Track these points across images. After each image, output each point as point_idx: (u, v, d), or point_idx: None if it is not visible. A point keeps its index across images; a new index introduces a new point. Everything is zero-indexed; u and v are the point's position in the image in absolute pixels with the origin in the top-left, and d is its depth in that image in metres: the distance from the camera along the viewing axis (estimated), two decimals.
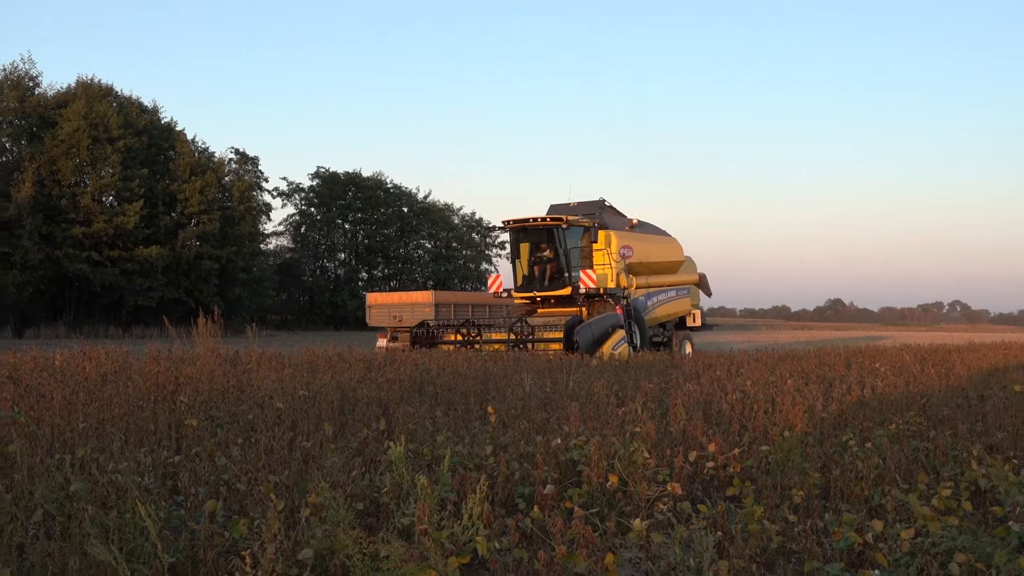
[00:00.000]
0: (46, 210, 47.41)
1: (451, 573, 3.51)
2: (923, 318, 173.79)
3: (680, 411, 8.65)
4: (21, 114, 50.75)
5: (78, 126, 48.32)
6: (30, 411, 8.02)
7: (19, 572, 3.99)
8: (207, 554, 4.27)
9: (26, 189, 46.18)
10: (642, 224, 26.67)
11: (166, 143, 55.11)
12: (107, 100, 52.22)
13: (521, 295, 24.75)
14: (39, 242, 46.29)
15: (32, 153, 48.15)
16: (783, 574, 4.17)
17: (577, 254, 23.85)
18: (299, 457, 6.52)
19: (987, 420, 8.73)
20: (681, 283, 27.90)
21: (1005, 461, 6.68)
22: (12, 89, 51.42)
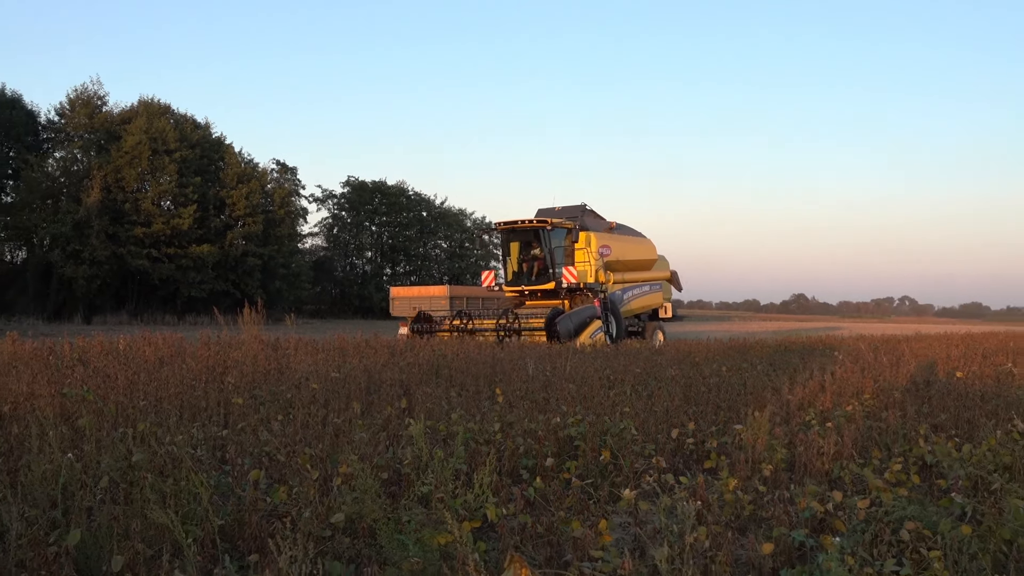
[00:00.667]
0: (112, 213, 47.46)
1: (465, 536, 3.50)
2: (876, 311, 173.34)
3: (664, 393, 8.65)
4: (90, 129, 50.80)
5: (140, 140, 48.37)
6: (97, 390, 8.02)
7: (88, 533, 3.98)
8: (251, 517, 4.27)
9: (95, 194, 46.24)
10: (620, 226, 26.71)
11: (216, 155, 55.10)
12: (165, 117, 52.27)
13: (511, 289, 24.79)
14: (106, 241, 46.36)
15: (100, 163, 48.19)
16: (755, 538, 4.14)
17: (561, 253, 23.89)
18: (331, 432, 6.52)
19: (932, 403, 8.70)
20: (654, 279, 27.92)
21: (948, 439, 6.65)
22: (83, 107, 51.50)
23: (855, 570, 3.44)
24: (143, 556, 3.56)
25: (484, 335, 20.81)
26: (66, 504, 4.53)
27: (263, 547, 4.08)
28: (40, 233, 47.83)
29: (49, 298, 46.57)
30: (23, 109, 52.11)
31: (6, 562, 3.71)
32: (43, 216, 47.07)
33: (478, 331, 21.43)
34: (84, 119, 51.07)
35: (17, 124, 51.08)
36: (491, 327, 21.32)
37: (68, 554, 3.25)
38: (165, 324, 42.87)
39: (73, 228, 45.60)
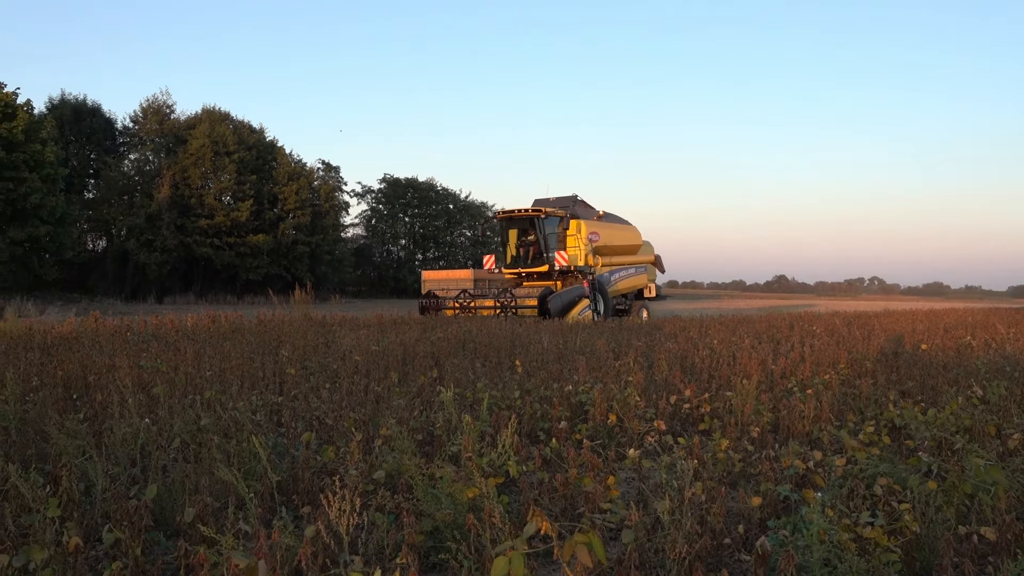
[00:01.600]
0: (180, 207, 47.64)
1: (490, 491, 3.49)
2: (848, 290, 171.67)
3: (663, 364, 8.60)
4: (160, 134, 50.99)
5: (203, 143, 48.47)
6: (169, 362, 8.08)
7: (164, 488, 4.00)
8: (304, 474, 4.29)
9: (164, 191, 46.44)
10: (607, 215, 26.64)
11: (269, 155, 55.08)
12: (225, 123, 52.31)
13: (509, 271, 24.64)
14: (174, 231, 46.57)
15: (169, 164, 48.35)
16: (744, 492, 4.12)
17: (554, 239, 23.74)
18: (372, 399, 6.53)
19: (900, 372, 8.62)
20: (639, 262, 27.71)
21: (915, 404, 6.60)
22: (154, 115, 51.70)
23: (834, 521, 3.41)
24: (211, 508, 3.58)
25: (484, 312, 21.00)
26: (144, 462, 4.57)
27: (315, 500, 4.09)
28: (118, 225, 48.14)
29: (126, 281, 46.87)
30: (102, 117, 52.37)
31: (93, 513, 3.74)
32: (120, 210, 47.34)
33: (479, 309, 21.50)
34: (155, 125, 51.27)
35: (97, 130, 51.36)
36: (490, 305, 21.42)
37: (147, 507, 3.27)
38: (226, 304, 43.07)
39: (146, 220, 45.84)
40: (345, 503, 3.12)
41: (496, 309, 21.02)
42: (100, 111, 52.54)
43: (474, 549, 3.14)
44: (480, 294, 22.96)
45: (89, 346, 9.57)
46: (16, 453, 4.77)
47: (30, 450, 4.86)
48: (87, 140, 51.28)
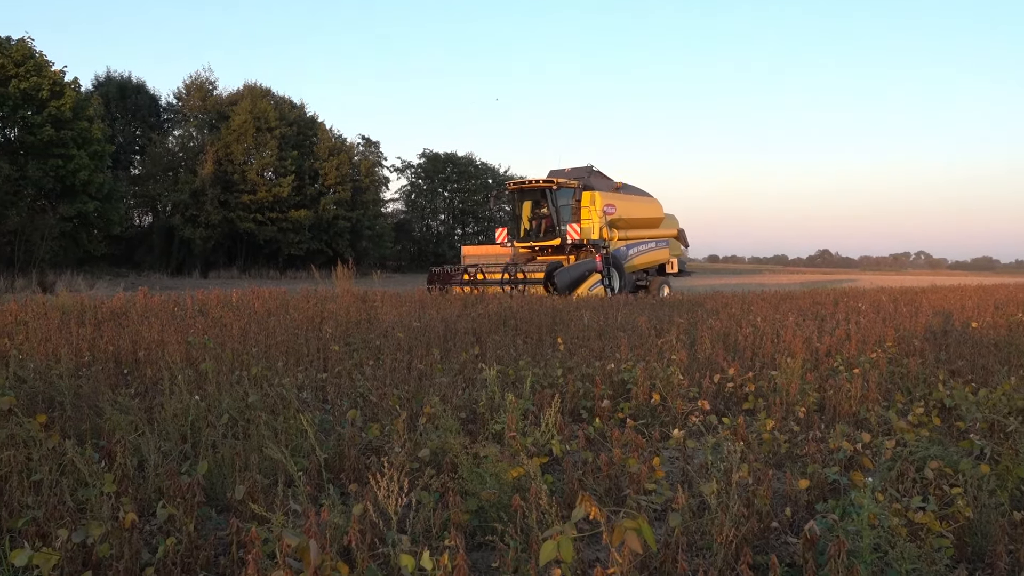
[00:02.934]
0: (223, 183, 48.15)
1: (535, 471, 3.50)
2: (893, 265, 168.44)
3: (706, 342, 8.54)
4: (204, 110, 51.49)
5: (246, 119, 48.84)
6: (216, 338, 8.20)
7: (214, 464, 4.08)
8: (350, 452, 4.33)
9: (208, 167, 46.97)
10: (625, 186, 25.31)
11: (310, 131, 55.32)
12: (267, 99, 52.60)
13: (522, 245, 23.69)
14: (218, 207, 47.13)
15: (212, 140, 48.86)
16: (791, 474, 4.08)
17: (567, 211, 22.75)
18: (415, 376, 6.57)
19: (949, 350, 8.44)
20: (660, 236, 26.26)
21: (965, 384, 6.47)
22: (197, 91, 52.22)
23: (885, 505, 3.36)
24: (260, 485, 3.63)
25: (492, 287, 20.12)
26: (194, 438, 4.65)
27: (361, 478, 4.14)
28: (163, 201, 48.87)
29: (171, 256, 47.64)
30: (147, 94, 53.02)
31: (146, 488, 3.82)
32: (165, 186, 48.02)
33: (487, 284, 20.61)
34: (198, 101, 51.80)
35: (142, 107, 52.06)
36: (498, 281, 20.51)
37: (199, 483, 3.33)
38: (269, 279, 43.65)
39: (191, 196, 46.43)
40: (393, 483, 3.15)
41: (503, 285, 19.96)
42: (145, 88, 53.23)
43: (520, 530, 3.15)
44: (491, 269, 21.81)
45: (138, 321, 9.75)
46: (71, 428, 4.89)
47: (84, 425, 4.97)
48: (132, 117, 52.00)
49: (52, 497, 3.44)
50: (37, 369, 6.33)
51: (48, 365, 6.51)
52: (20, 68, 34.11)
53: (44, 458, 3.78)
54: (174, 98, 54.08)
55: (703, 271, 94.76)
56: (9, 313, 10.25)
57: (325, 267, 27.32)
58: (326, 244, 52.77)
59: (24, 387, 5.89)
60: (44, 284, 28.34)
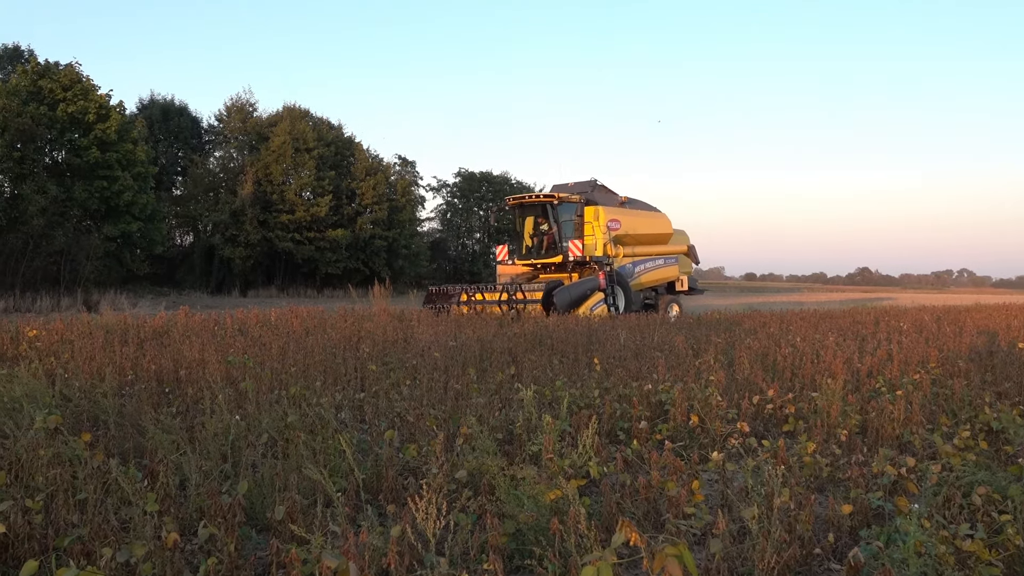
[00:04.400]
0: (262, 203, 48.78)
1: (573, 494, 3.48)
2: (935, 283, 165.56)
3: (744, 362, 8.45)
4: (244, 132, 52.28)
5: (284, 140, 49.50)
6: (255, 357, 8.29)
7: (254, 484, 4.11)
8: (388, 472, 4.34)
9: (248, 187, 47.66)
10: (631, 201, 24.35)
11: (348, 151, 55.89)
12: (305, 120, 53.30)
13: (523, 263, 22.79)
14: (257, 227, 47.72)
15: (251, 161, 49.57)
16: (833, 499, 4.00)
17: (569, 226, 21.85)
18: (452, 396, 6.56)
19: (996, 372, 8.26)
20: (669, 252, 25.20)
21: (1013, 406, 6.33)
22: (237, 113, 53.09)
23: (931, 532, 3.28)
24: (300, 506, 3.65)
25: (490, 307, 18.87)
26: (234, 458, 4.69)
27: (399, 499, 4.14)
28: (204, 220, 49.64)
29: (212, 275, 48.30)
30: (188, 116, 54.04)
31: (188, 508, 3.86)
32: (206, 206, 48.79)
33: (486, 304, 19.39)
34: (238, 123, 52.64)
35: (184, 129, 53.05)
36: (495, 300, 19.37)
37: (240, 504, 3.36)
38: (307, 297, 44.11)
39: (230, 216, 47.11)
40: (431, 505, 3.15)
41: (501, 305, 18.76)
42: (187, 110, 54.23)
43: (559, 554, 3.12)
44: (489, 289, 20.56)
45: (179, 341, 9.89)
46: (115, 447, 4.97)
47: (128, 443, 5.06)
48: (175, 139, 52.99)
49: (97, 516, 3.49)
50: (82, 388, 6.45)
51: (92, 384, 6.63)
52: (68, 92, 35.00)
53: (89, 477, 3.84)
54: (215, 120, 55.05)
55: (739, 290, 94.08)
56: (55, 332, 10.47)
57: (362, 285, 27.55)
58: (363, 263, 53.18)
59: (70, 406, 6.00)
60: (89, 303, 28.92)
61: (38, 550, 3.33)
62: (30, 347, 8.94)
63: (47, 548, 3.33)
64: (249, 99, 54.61)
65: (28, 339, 9.76)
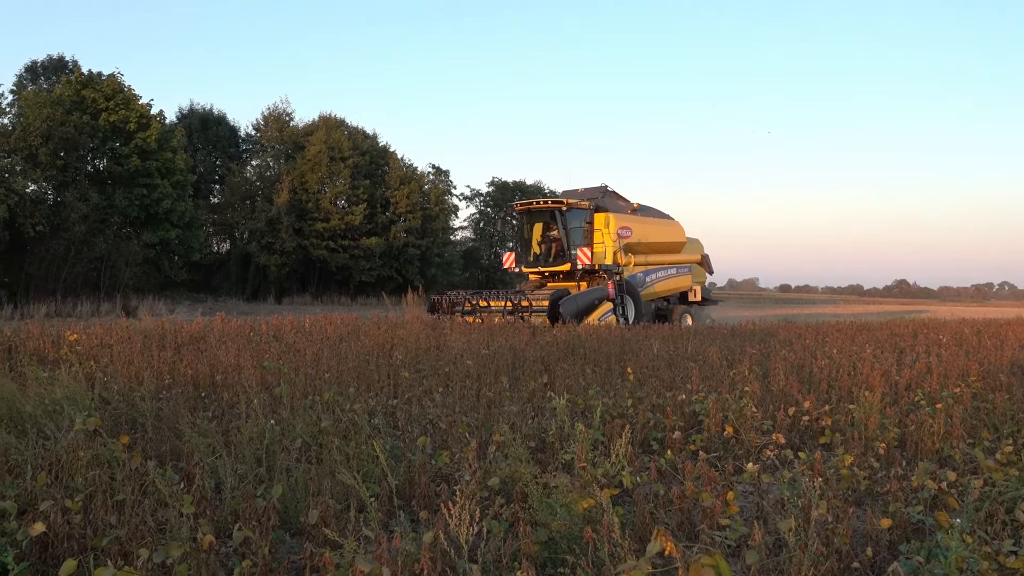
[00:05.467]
0: (297, 211, 49.26)
1: (605, 502, 3.45)
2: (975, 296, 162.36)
3: (779, 373, 8.34)
4: (280, 140, 52.90)
5: (320, 149, 49.99)
6: (289, 363, 8.35)
7: (288, 488, 4.13)
8: (421, 478, 4.34)
9: (284, 196, 48.17)
10: (643, 208, 23.67)
11: (382, 160, 56.24)
12: (340, 129, 53.77)
13: (531, 270, 22.23)
14: (292, 235, 48.19)
15: (288, 169, 50.13)
16: (872, 513, 3.93)
17: (578, 234, 21.14)
18: (484, 404, 6.56)
19: None
20: (682, 262, 24.46)
21: None
22: (274, 122, 53.77)
23: (973, 548, 3.21)
24: (333, 510, 3.66)
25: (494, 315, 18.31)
26: (269, 462, 4.72)
27: (431, 505, 4.14)
28: (240, 228, 50.25)
29: (247, 282, 48.83)
30: (227, 125, 54.84)
31: (223, 510, 3.89)
32: (242, 214, 49.39)
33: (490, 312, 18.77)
34: (275, 132, 53.29)
35: (222, 138, 53.85)
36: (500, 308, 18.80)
37: (274, 508, 3.38)
38: (340, 304, 44.42)
39: (267, 224, 47.64)
40: (464, 511, 3.14)
41: (505, 314, 18.18)
42: (225, 120, 55.05)
43: (592, 563, 3.10)
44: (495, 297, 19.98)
45: (216, 346, 10.00)
46: (152, 449, 5.03)
47: (165, 446, 5.12)
48: (213, 147, 53.79)
49: (134, 517, 3.53)
50: (121, 391, 6.54)
51: (131, 387, 6.72)
52: (110, 102, 35.69)
53: (127, 478, 3.89)
54: (252, 129, 55.80)
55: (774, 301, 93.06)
56: (95, 336, 10.64)
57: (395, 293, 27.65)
58: (396, 271, 53.45)
59: (108, 408, 6.08)
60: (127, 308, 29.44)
61: (77, 550, 3.37)
62: (71, 351, 9.09)
63: (86, 548, 3.38)
64: (286, 108, 55.28)
65: (69, 343, 9.93)
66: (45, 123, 32.04)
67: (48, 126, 32.14)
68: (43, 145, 31.91)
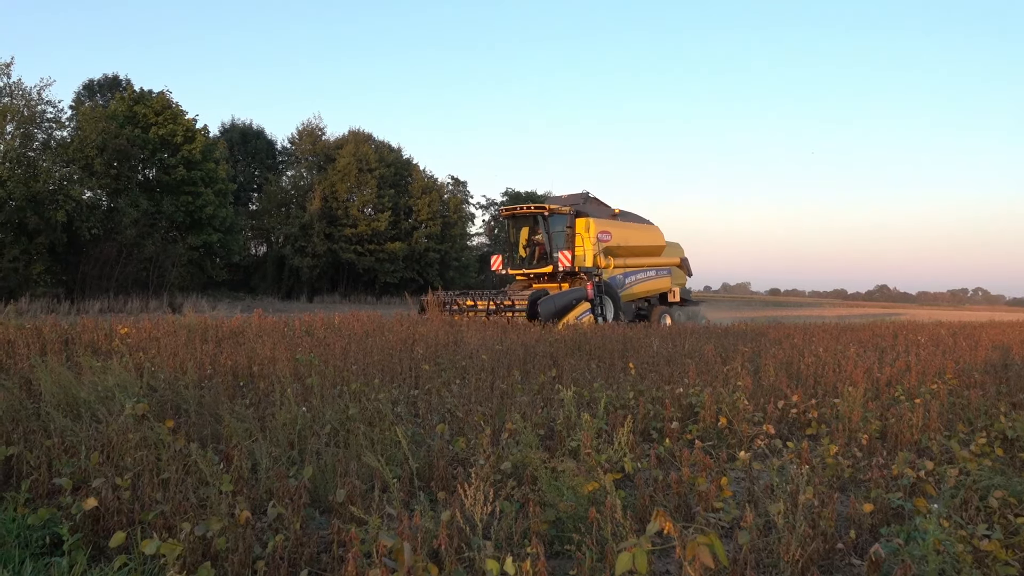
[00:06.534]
0: (328, 218, 49.41)
1: (608, 485, 3.44)
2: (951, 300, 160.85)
3: (770, 369, 8.30)
4: (313, 153, 53.12)
5: (349, 161, 50.12)
6: (320, 355, 8.37)
7: (318, 470, 4.14)
8: (439, 462, 4.34)
9: (316, 203, 48.34)
10: (624, 213, 23.25)
11: (405, 172, 56.27)
12: (368, 143, 53.92)
13: (516, 272, 21.86)
14: (324, 239, 48.32)
15: (319, 179, 50.31)
16: (855, 498, 3.90)
17: (560, 237, 20.81)
18: (498, 395, 6.56)
19: (1010, 383, 8.00)
20: (662, 264, 24.00)
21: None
22: (308, 136, 54.01)
23: (950, 532, 3.18)
24: (359, 490, 3.67)
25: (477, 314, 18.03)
26: (301, 445, 4.74)
27: (449, 487, 4.14)
28: (276, 233, 50.48)
29: (282, 282, 49.05)
30: (264, 139, 55.12)
31: (258, 489, 3.91)
32: (278, 220, 49.60)
33: (474, 311, 18.50)
34: (308, 145, 53.51)
35: (260, 150, 54.13)
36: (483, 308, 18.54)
37: (305, 486, 3.38)
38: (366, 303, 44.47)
39: (300, 229, 47.82)
40: (479, 492, 3.14)
41: (488, 314, 17.90)
42: (263, 134, 55.35)
43: (596, 541, 3.09)
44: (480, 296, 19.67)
45: (253, 340, 10.04)
46: (195, 433, 5.05)
47: (206, 430, 5.14)
48: (252, 159, 54.06)
49: (178, 494, 3.55)
50: (167, 380, 6.57)
51: (176, 377, 6.76)
52: (159, 117, 35.96)
53: (171, 459, 3.90)
54: (288, 142, 56.06)
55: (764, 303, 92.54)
56: (144, 331, 10.70)
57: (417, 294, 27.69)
58: (417, 273, 53.48)
59: (155, 396, 6.12)
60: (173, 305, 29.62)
61: (126, 523, 3.39)
62: (122, 343, 9.14)
63: (133, 521, 3.39)
64: (318, 124, 55.66)
65: (120, 336, 9.99)
66: (100, 136, 32.29)
67: (103, 138, 32.40)
68: (98, 156, 32.18)
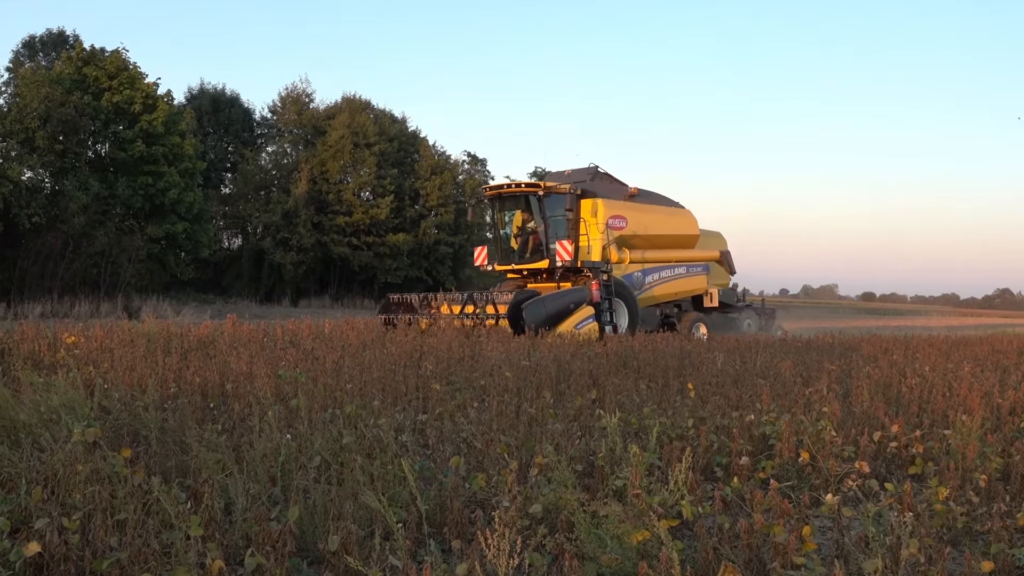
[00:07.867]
0: (317, 203, 49.69)
1: (663, 534, 3.43)
2: None
3: (863, 393, 8.23)
4: (299, 125, 53.44)
5: (343, 134, 50.33)
6: (307, 371, 8.43)
7: (305, 511, 4.16)
8: (453, 503, 4.35)
9: (302, 186, 48.67)
10: (644, 193, 21.55)
11: (412, 147, 56.41)
12: (366, 113, 54.06)
13: (506, 268, 20.66)
14: (311, 229, 48.62)
15: (307, 156, 50.60)
16: (970, 554, 3.85)
17: (559, 224, 19.56)
18: (525, 421, 6.56)
19: None
20: (694, 259, 22.49)
21: None
22: (292, 104, 54.37)
23: None
24: (356, 536, 3.69)
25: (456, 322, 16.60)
26: (285, 481, 4.77)
27: (465, 533, 4.15)
28: (253, 222, 50.92)
29: (261, 282, 49.38)
30: (240, 108, 55.58)
31: (234, 534, 3.94)
32: (256, 206, 50.04)
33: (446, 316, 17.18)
34: (293, 115, 53.86)
35: (235, 121, 54.60)
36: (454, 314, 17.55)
37: (291, 532, 3.41)
38: (364, 308, 44.69)
39: (282, 217, 48.12)
40: (503, 540, 3.14)
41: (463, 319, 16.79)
42: (238, 101, 55.81)
43: None
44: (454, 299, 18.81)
45: (226, 352, 10.14)
46: (157, 464, 5.11)
47: (170, 461, 5.19)
48: (225, 132, 54.54)
49: (137, 539, 3.59)
50: (122, 400, 6.66)
51: (133, 396, 6.84)
52: (113, 81, 36.41)
53: (129, 496, 3.95)
54: (268, 112, 56.47)
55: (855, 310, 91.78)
56: (95, 339, 10.86)
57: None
58: (426, 271, 53.52)
59: (109, 418, 6.20)
60: (130, 309, 29.99)
61: (75, 573, 3.44)
62: (68, 354, 9.29)
63: (84, 571, 3.44)
64: (305, 89, 55.79)
65: (66, 346, 10.15)
66: (43, 104, 32.73)
67: (46, 107, 32.82)
68: (40, 128, 32.58)
